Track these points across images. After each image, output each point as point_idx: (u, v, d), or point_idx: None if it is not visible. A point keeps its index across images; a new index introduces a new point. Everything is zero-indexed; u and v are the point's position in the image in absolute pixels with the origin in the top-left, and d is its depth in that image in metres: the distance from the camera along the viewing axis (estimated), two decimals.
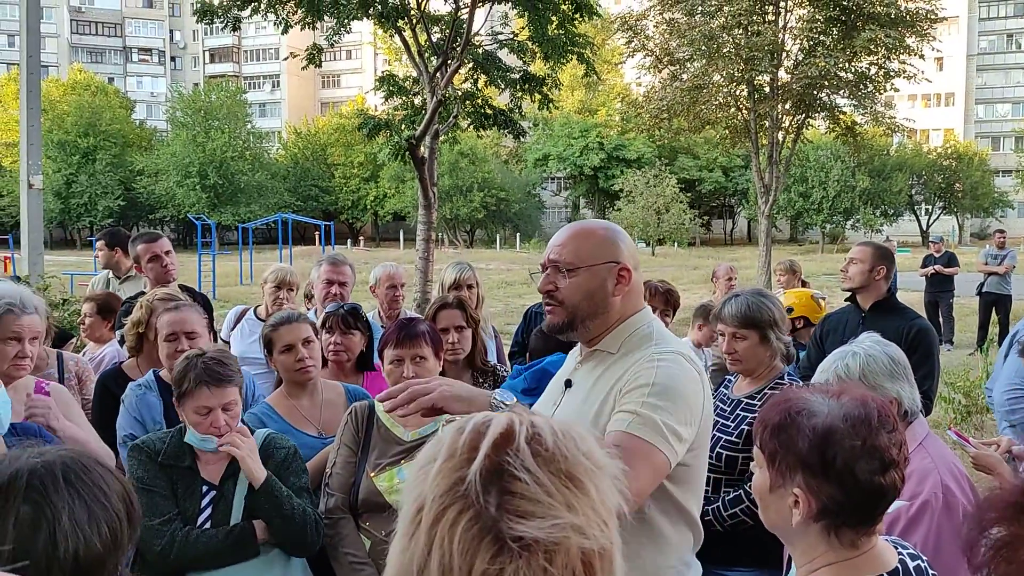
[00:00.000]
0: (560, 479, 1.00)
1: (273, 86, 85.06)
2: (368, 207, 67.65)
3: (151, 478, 3.03)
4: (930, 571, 1.90)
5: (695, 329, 6.37)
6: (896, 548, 1.89)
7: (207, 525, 3.04)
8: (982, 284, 14.59)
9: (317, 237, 41.37)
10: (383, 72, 16.65)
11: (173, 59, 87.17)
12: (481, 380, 4.23)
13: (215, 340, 4.03)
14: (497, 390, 2.30)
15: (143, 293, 4.85)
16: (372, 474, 3.15)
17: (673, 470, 2.26)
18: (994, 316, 14.41)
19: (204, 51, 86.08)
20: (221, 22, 14.52)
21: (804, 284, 8.54)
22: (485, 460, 0.99)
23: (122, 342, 4.49)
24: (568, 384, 2.53)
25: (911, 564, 1.85)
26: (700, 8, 21.54)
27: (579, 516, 0.98)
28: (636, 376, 2.28)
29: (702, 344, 6.22)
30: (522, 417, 1.05)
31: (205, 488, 3.09)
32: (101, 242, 6.39)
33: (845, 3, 20.18)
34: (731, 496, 3.37)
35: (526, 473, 0.98)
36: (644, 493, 2.17)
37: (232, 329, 5.54)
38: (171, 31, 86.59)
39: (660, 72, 22.89)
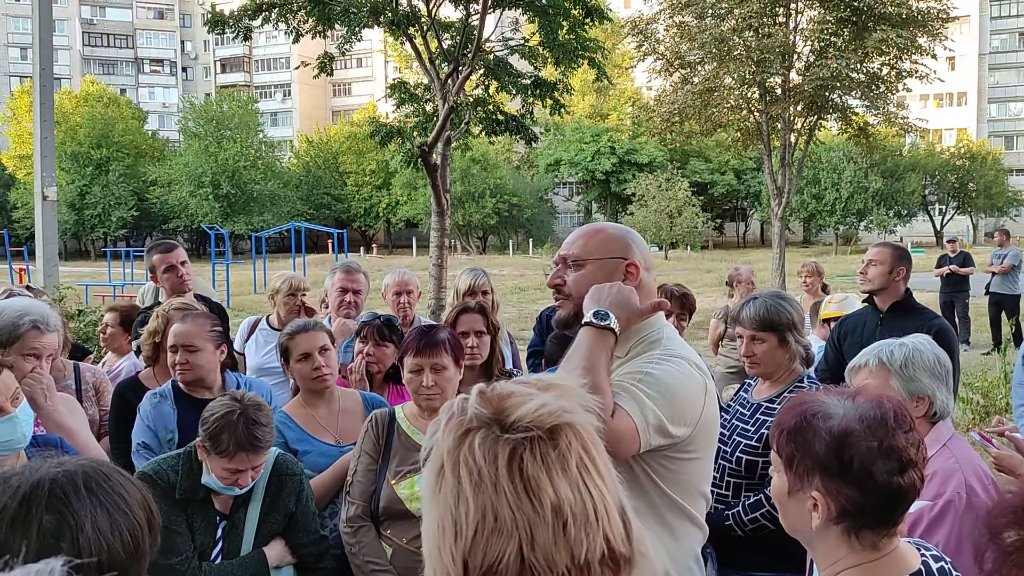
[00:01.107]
0: (540, 388, 1.18)
1: (284, 95, 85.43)
2: (381, 214, 67.84)
3: (168, 515, 2.94)
4: (954, 572, 1.88)
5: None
6: (919, 549, 1.87)
7: (219, 557, 3.05)
8: (988, 284, 14.67)
9: (330, 245, 41.45)
10: (394, 79, 16.68)
11: (185, 70, 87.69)
12: None
13: (230, 349, 4.01)
14: None
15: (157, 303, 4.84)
16: (393, 482, 3.14)
17: (665, 471, 2.25)
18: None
19: (215, 61, 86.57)
20: (232, 32, 14.58)
21: (824, 288, 8.52)
22: (477, 399, 1.17)
23: (139, 352, 4.50)
24: None
25: (934, 565, 1.84)
26: (710, 11, 21.51)
27: (562, 400, 1.16)
28: (633, 368, 2.28)
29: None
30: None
31: (218, 518, 3.09)
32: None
33: (856, 4, 20.10)
34: (751, 500, 3.34)
35: (512, 387, 1.18)
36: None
37: (246, 340, 5.53)
38: (182, 42, 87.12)
39: (671, 76, 22.86)
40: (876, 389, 2.35)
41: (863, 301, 5.18)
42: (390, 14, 13.61)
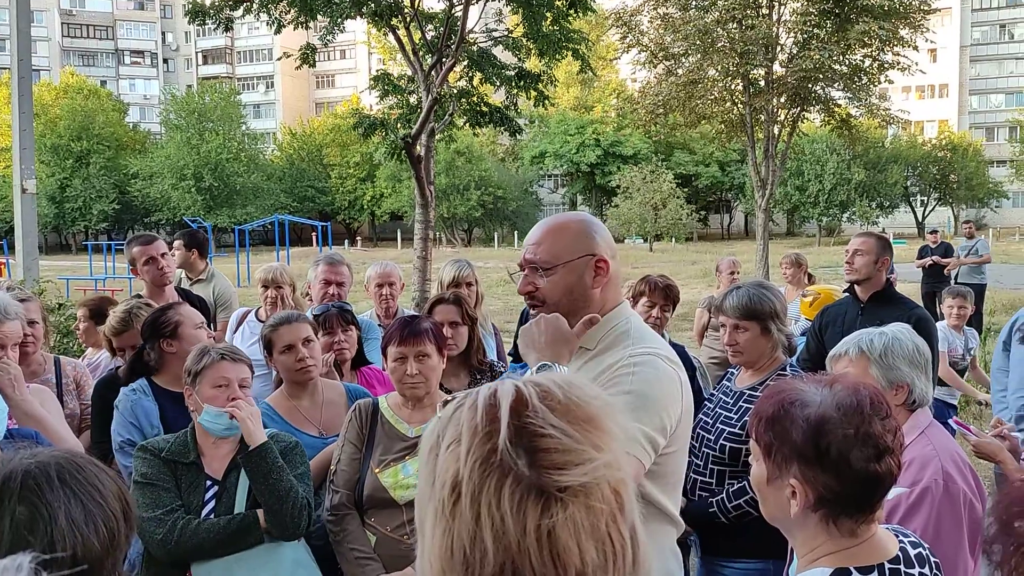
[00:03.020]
0: (581, 426, 1.05)
1: (267, 87, 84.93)
2: (365, 207, 67.63)
3: (154, 473, 3.05)
4: (932, 558, 1.89)
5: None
6: (897, 536, 1.89)
7: (211, 518, 3.06)
8: (956, 275, 14.92)
9: (314, 238, 41.30)
10: (378, 71, 16.60)
11: (166, 61, 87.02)
12: (479, 377, 4.21)
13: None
14: None
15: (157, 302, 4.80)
16: (377, 470, 3.15)
17: (647, 469, 2.26)
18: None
19: (197, 52, 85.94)
20: (213, 23, 14.43)
21: (810, 278, 8.53)
22: (508, 428, 1.03)
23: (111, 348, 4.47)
24: None
25: (912, 552, 1.85)
26: (694, 3, 21.51)
27: (607, 453, 1.04)
28: (614, 383, 2.25)
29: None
30: (525, 380, 1.10)
31: (209, 483, 3.10)
32: (179, 242, 6.41)
33: None
34: (735, 488, 3.38)
35: (551, 428, 1.03)
36: None
37: (235, 332, 5.50)
38: (163, 33, 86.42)
39: (655, 67, 22.83)
40: (856, 377, 2.36)
41: (844, 291, 5.21)
42: (373, 5, 13.54)
